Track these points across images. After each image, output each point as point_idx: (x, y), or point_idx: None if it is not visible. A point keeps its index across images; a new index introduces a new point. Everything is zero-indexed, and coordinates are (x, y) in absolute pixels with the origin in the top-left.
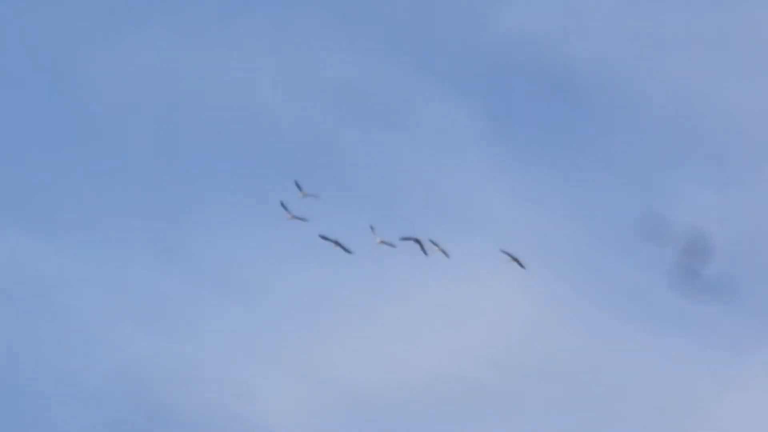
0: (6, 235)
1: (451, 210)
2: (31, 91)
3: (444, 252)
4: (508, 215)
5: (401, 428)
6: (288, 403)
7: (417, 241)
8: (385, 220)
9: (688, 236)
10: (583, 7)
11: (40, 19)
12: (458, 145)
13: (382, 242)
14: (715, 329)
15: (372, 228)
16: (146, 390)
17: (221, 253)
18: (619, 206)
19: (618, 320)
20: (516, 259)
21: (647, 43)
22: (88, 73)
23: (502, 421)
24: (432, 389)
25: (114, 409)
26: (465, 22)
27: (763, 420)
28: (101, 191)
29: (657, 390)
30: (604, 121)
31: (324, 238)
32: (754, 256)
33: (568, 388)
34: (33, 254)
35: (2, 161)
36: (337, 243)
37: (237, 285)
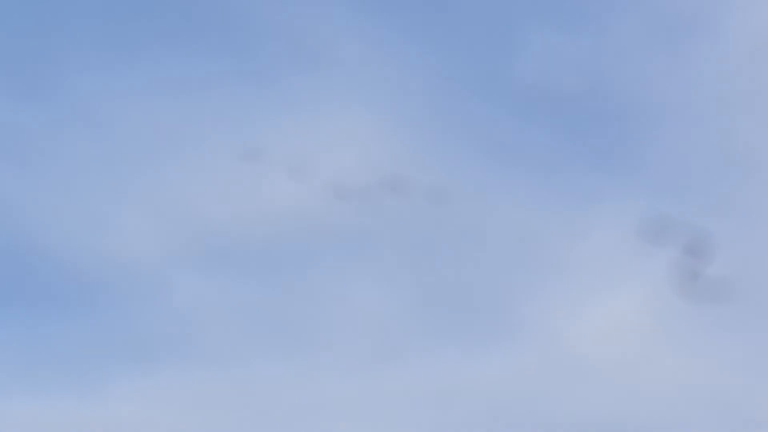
0: None
1: (306, 58)
2: None
3: None
4: (364, 64)
5: (263, 263)
6: (148, 239)
7: None
8: (242, 68)
9: None
10: None
11: None
12: None
13: None
14: (566, 175)
15: None
16: (7, 225)
17: (87, 87)
18: (471, 56)
19: (476, 165)
20: None
21: None
22: None
23: (359, 257)
24: (292, 227)
25: None
26: None
27: (611, 266)
28: None
29: (509, 235)
30: None
31: None
32: (605, 102)
33: (421, 229)
34: None
35: None
36: None
37: (101, 120)
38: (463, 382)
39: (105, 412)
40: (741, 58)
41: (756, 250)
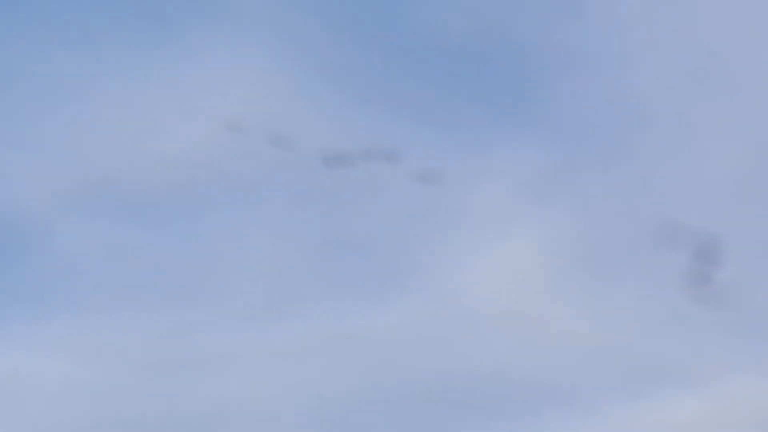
0: None
1: (201, 3)
2: None
3: None
4: (261, 11)
5: (154, 210)
6: (37, 186)
7: None
8: (137, 14)
9: None
10: None
11: None
12: None
13: None
14: (461, 125)
15: None
16: None
17: None
18: (368, 4)
19: (372, 114)
20: None
21: None
22: None
23: (239, 203)
24: (183, 174)
25: None
26: None
27: (505, 216)
28: None
29: (403, 184)
30: None
31: None
32: (503, 52)
33: (314, 178)
34: None
35: None
36: None
37: None
38: (356, 331)
39: None
40: (635, 11)
41: (649, 198)
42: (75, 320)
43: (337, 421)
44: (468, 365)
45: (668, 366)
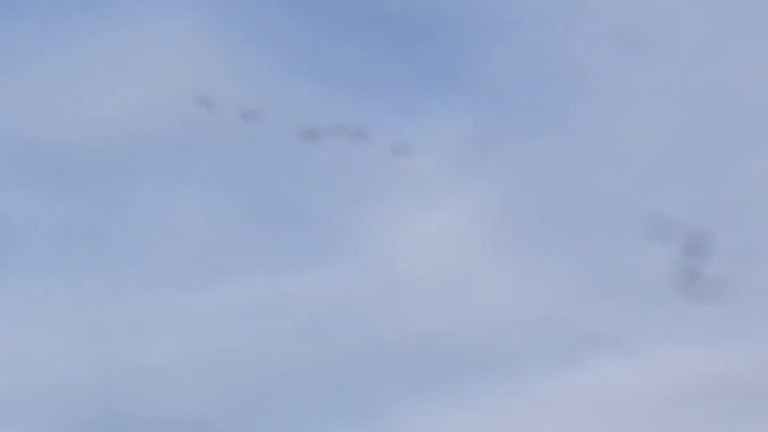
0: None
1: None
2: None
3: None
4: None
5: (82, 177)
6: None
7: None
8: None
9: None
10: None
11: None
12: None
13: None
14: (393, 91)
15: None
16: None
17: None
18: None
19: (300, 82)
20: None
21: None
22: None
23: (182, 172)
24: (112, 140)
25: None
26: None
27: (437, 183)
28: None
29: (335, 151)
30: None
31: None
32: (432, 18)
33: (246, 145)
34: None
35: None
36: None
37: None
38: (287, 299)
39: None
40: None
41: (582, 164)
42: (7, 285)
43: (269, 388)
44: (400, 332)
45: (600, 335)
